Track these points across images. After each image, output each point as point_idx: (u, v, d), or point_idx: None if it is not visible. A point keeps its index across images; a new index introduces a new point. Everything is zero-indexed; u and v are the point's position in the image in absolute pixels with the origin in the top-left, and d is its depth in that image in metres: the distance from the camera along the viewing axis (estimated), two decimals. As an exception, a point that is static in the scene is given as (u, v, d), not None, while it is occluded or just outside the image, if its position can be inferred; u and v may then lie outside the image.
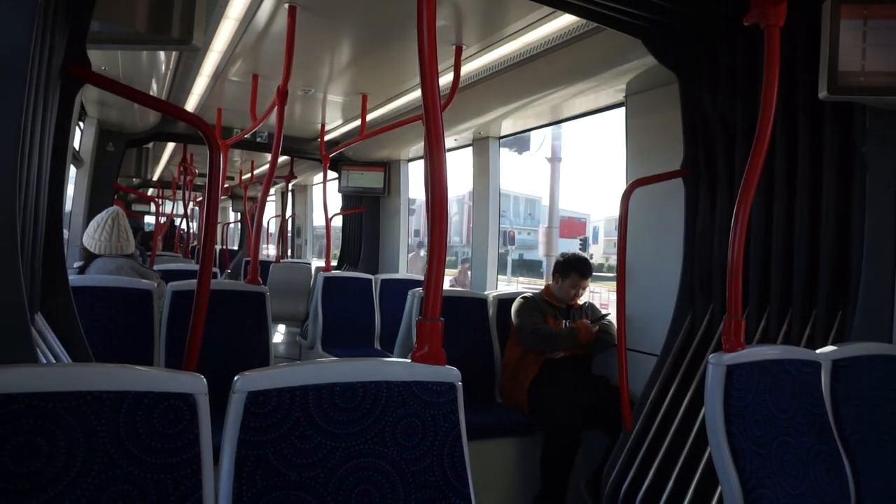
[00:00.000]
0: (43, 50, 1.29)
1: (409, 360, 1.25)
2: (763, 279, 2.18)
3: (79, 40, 1.61)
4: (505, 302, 3.28)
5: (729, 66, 2.22)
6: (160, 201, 9.76)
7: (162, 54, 3.30)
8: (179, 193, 7.98)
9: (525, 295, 3.19)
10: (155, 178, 9.53)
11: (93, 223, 3.05)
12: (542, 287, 3.28)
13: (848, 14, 1.76)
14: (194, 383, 1.01)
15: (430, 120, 1.28)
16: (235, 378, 1.06)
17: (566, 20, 2.66)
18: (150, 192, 10.42)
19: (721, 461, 1.47)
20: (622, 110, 3.16)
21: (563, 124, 4.06)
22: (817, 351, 1.70)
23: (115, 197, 5.68)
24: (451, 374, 1.25)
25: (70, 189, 4.48)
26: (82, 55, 1.64)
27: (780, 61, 1.64)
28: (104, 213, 3.07)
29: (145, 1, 1.71)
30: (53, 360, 1.47)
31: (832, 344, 1.80)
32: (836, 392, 1.67)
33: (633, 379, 2.48)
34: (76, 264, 3.20)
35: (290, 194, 9.10)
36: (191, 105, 4.51)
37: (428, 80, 1.26)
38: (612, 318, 3.01)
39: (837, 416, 1.65)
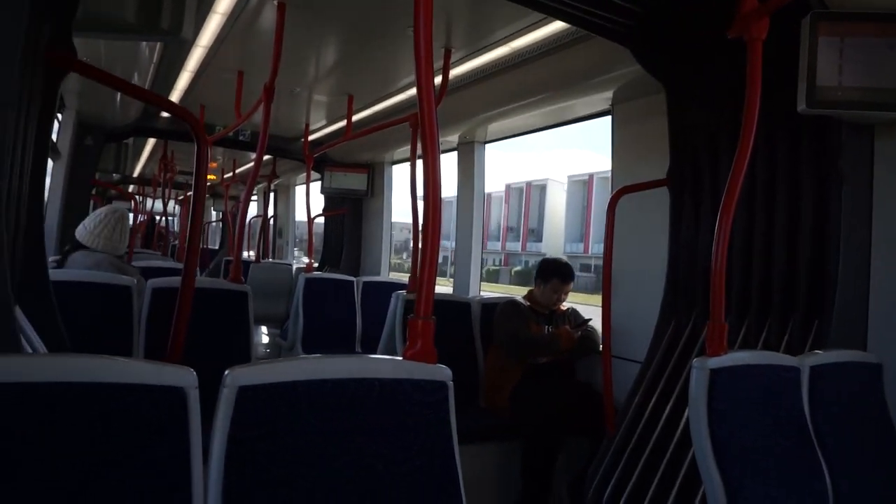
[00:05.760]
0: (29, 36, 1.26)
1: (401, 358, 1.25)
2: (744, 287, 2.21)
3: (65, 27, 1.57)
4: (489, 307, 3.29)
5: (714, 78, 2.25)
6: (140, 198, 9.60)
7: (146, 46, 3.25)
8: (160, 191, 7.85)
9: (508, 300, 3.20)
10: (135, 174, 9.37)
11: (93, 218, 2.96)
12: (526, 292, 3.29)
13: (826, 31, 1.80)
14: (185, 377, 1.00)
15: (426, 119, 1.27)
16: (226, 373, 1.05)
17: (554, 27, 2.69)
18: (131, 188, 10.25)
19: (705, 463, 1.48)
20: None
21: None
22: (796, 357, 1.74)
23: (94, 192, 5.56)
24: (442, 372, 1.24)
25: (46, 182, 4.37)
26: (68, 43, 1.60)
27: (762, 74, 1.68)
28: (108, 210, 3.00)
29: (134, -11, 1.67)
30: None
31: (809, 351, 1.84)
32: (813, 397, 1.70)
33: (616, 385, 2.50)
34: (52, 258, 3.13)
35: (272, 194, 9.02)
36: (172, 100, 4.44)
37: (423, 79, 1.26)
38: (594, 323, 3.03)
39: (815, 420, 1.69)
